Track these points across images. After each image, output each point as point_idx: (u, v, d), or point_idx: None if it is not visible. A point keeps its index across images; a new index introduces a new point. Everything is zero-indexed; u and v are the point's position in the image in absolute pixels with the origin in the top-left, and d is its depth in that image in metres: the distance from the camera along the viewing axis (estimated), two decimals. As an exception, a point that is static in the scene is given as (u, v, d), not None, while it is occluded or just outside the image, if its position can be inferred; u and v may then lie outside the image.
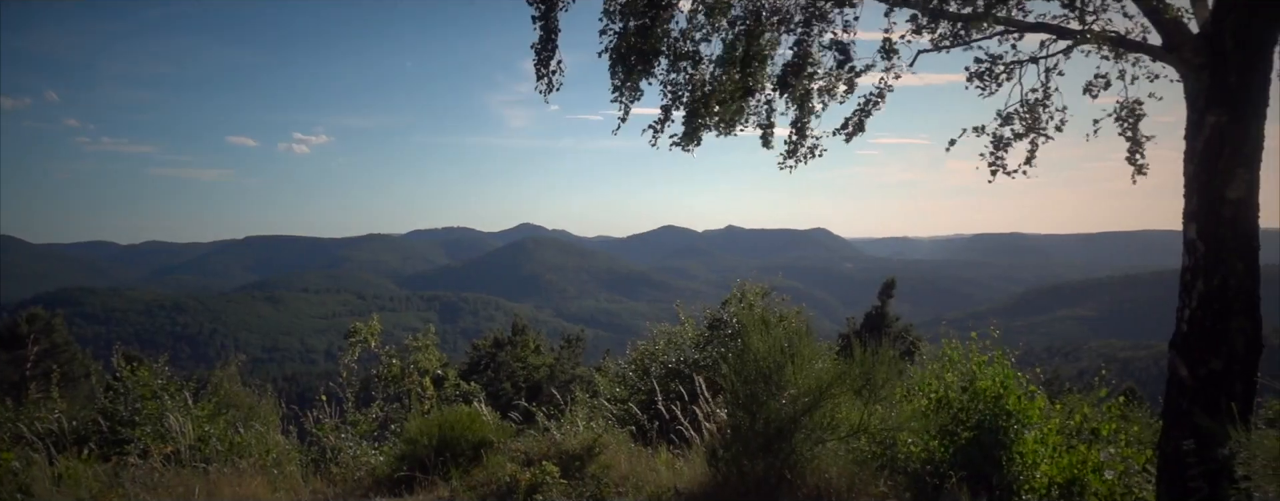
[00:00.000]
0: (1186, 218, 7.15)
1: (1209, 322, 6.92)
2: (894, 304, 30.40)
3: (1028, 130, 9.01)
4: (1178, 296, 7.21)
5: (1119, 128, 8.82)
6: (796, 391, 7.77)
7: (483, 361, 29.18)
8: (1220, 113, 6.96)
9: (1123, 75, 8.60)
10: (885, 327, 27.23)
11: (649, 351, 13.42)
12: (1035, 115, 8.94)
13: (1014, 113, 8.91)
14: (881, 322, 27.70)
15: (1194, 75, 7.18)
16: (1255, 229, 7.06)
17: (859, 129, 9.17)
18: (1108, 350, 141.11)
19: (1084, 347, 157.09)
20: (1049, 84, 8.80)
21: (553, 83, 8.94)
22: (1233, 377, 6.83)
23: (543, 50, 8.81)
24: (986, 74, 8.72)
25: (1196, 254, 7.02)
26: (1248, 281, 6.96)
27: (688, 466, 8.69)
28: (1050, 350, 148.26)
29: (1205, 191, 7.03)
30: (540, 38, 8.78)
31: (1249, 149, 6.99)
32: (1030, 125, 8.92)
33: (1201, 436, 6.66)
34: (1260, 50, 7.00)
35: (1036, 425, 8.82)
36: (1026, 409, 8.64)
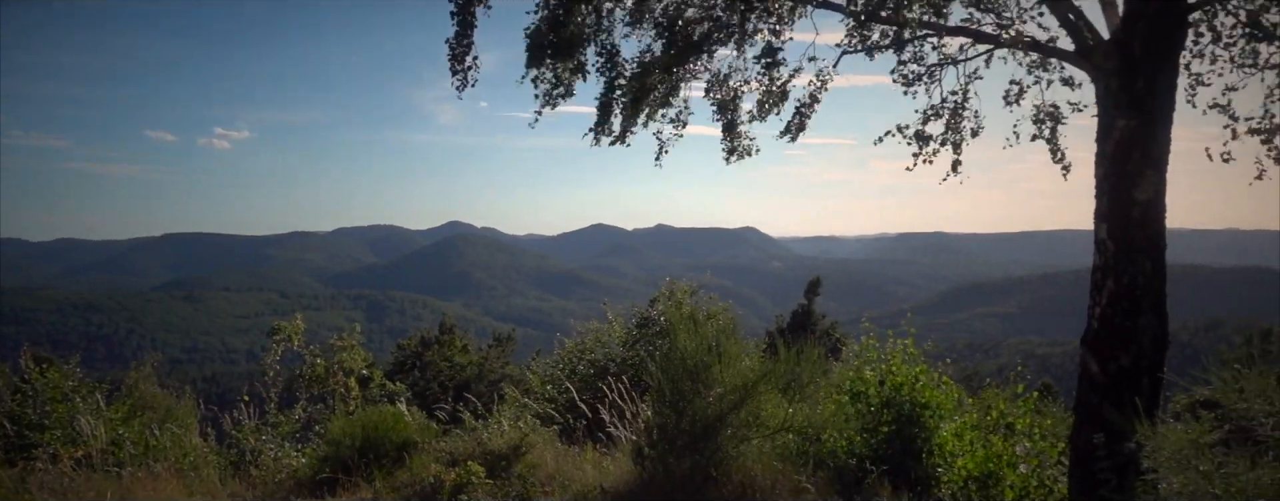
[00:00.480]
0: (1098, 218, 7.37)
1: (1118, 320, 7.15)
2: (821, 302, 30.81)
3: (947, 130, 9.21)
4: (1089, 294, 7.44)
5: (1036, 131, 9.08)
6: (723, 389, 7.83)
7: (409, 361, 28.81)
8: (1130, 116, 7.19)
9: (1038, 81, 8.86)
10: (812, 325, 27.59)
11: (577, 350, 13.41)
12: (957, 117, 9.14)
13: (934, 111, 9.11)
14: (808, 320, 28.05)
15: (1105, 80, 7.41)
16: (1162, 229, 7.31)
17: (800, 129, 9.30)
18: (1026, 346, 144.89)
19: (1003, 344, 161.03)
20: (968, 88, 9.01)
21: (468, 79, 8.86)
22: (1141, 373, 7.07)
23: (458, 46, 8.72)
24: (910, 75, 8.89)
25: (1107, 253, 7.25)
26: (1155, 280, 7.21)
27: (614, 465, 8.70)
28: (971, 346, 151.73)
29: (1115, 192, 7.25)
30: (456, 32, 8.68)
31: (1157, 151, 7.24)
32: (950, 126, 9.12)
33: (1111, 430, 6.87)
34: (1167, 56, 7.25)
35: (952, 418, 9.04)
36: (941, 401, 8.85)
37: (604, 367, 12.48)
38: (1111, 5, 7.76)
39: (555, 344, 14.19)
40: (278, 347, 13.52)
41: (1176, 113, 7.50)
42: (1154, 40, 7.14)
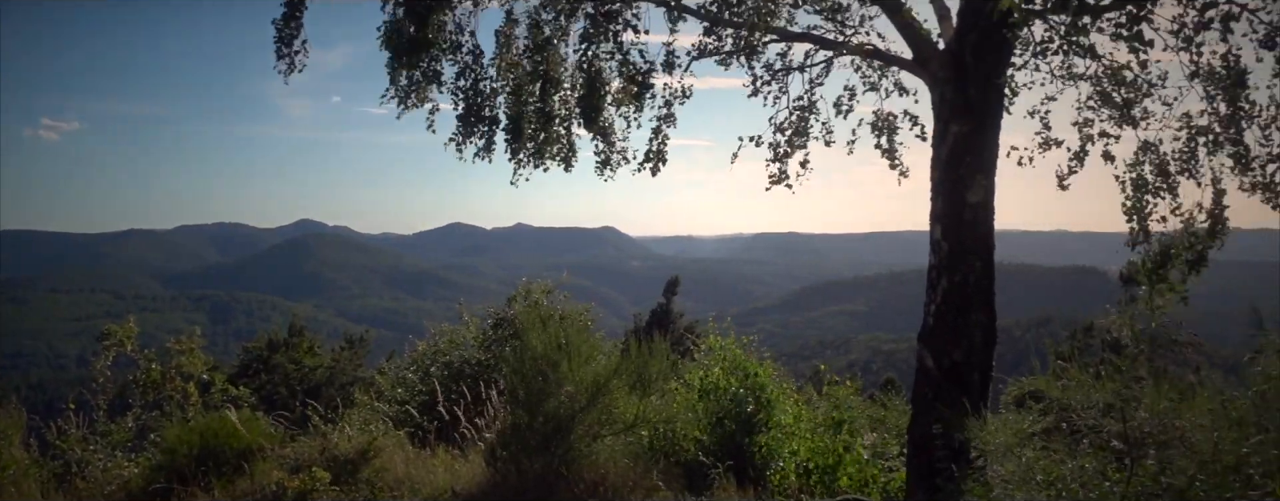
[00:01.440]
0: (933, 219, 7.73)
1: (952, 317, 7.52)
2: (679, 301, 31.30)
3: (797, 135, 9.47)
4: (925, 293, 7.79)
5: (874, 137, 9.45)
6: (575, 388, 7.85)
7: (255, 364, 27.73)
8: (962, 123, 7.57)
9: (875, 87, 9.23)
10: (670, 324, 27.99)
11: (430, 352, 13.19)
12: (804, 123, 9.41)
13: (785, 122, 9.35)
14: (666, 319, 28.46)
15: (940, 88, 7.78)
16: (992, 230, 7.72)
17: (660, 159, 9.33)
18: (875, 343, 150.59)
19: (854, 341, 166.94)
20: (814, 93, 9.30)
21: (295, 63, 8.60)
22: (972, 367, 7.45)
23: (285, 28, 8.45)
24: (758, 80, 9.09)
25: (941, 253, 7.61)
26: (985, 279, 7.61)
27: (467, 467, 8.59)
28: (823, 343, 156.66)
29: (949, 195, 7.62)
30: (284, 13, 8.42)
31: (987, 156, 7.65)
32: (798, 131, 9.39)
33: (946, 421, 7.21)
34: (997, 66, 7.67)
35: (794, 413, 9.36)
36: (780, 397, 9.15)
37: (459, 369, 12.32)
38: (947, 17, 8.15)
39: (406, 346, 13.91)
40: (110, 352, 12.80)
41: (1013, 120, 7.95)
42: (984, 51, 7.53)
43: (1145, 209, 8.47)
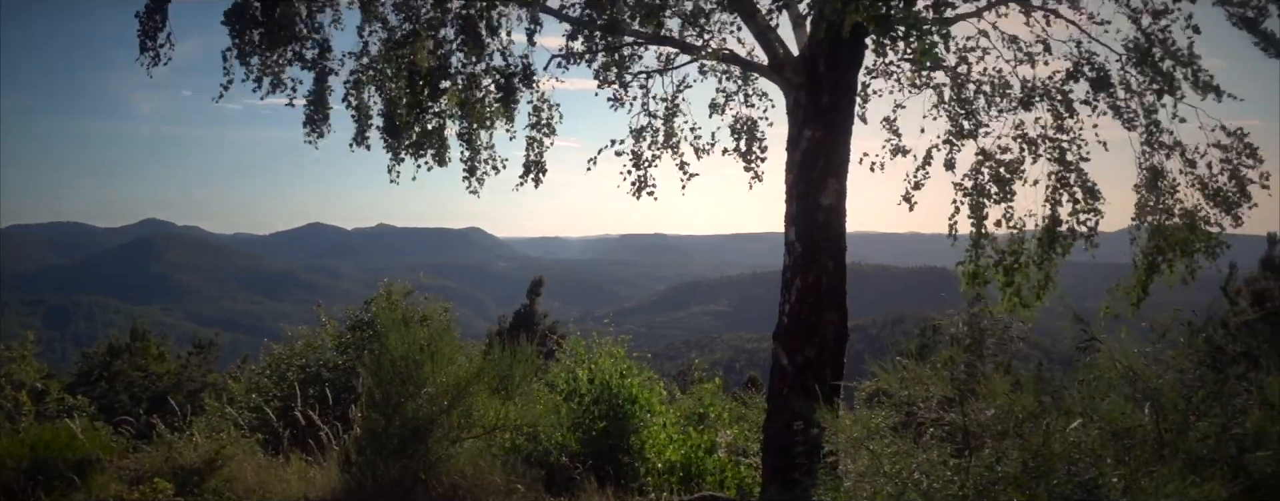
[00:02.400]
0: (788, 222, 7.97)
1: (805, 315, 7.76)
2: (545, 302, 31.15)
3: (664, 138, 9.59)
4: (780, 293, 8.02)
5: (734, 141, 9.66)
6: (434, 390, 7.74)
7: (96, 371, 26.26)
8: (815, 128, 7.83)
9: (734, 93, 9.44)
10: (534, 325, 27.84)
11: (287, 355, 12.78)
12: (670, 126, 9.54)
13: (645, 127, 9.46)
14: (531, 320, 28.29)
15: (794, 94, 8.01)
16: (843, 232, 8.01)
17: (540, 170, 9.29)
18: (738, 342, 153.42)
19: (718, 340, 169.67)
20: (677, 97, 9.44)
21: (160, 57, 8.24)
22: (824, 364, 7.70)
23: (149, 21, 8.10)
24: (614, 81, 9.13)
25: (795, 254, 7.84)
26: (837, 278, 7.89)
27: (322, 474, 8.35)
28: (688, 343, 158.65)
29: (803, 198, 7.87)
30: (148, 6, 8.06)
31: (838, 160, 7.93)
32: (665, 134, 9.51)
33: (802, 417, 7.43)
34: (848, 73, 7.96)
35: (660, 413, 9.46)
36: (648, 398, 9.24)
37: (316, 373, 11.99)
38: (802, 25, 8.40)
39: (262, 350, 13.44)
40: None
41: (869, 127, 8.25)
42: (837, 59, 7.80)
43: (982, 213, 8.97)
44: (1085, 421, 5.75)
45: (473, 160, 9.16)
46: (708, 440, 9.62)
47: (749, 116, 9.55)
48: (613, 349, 9.99)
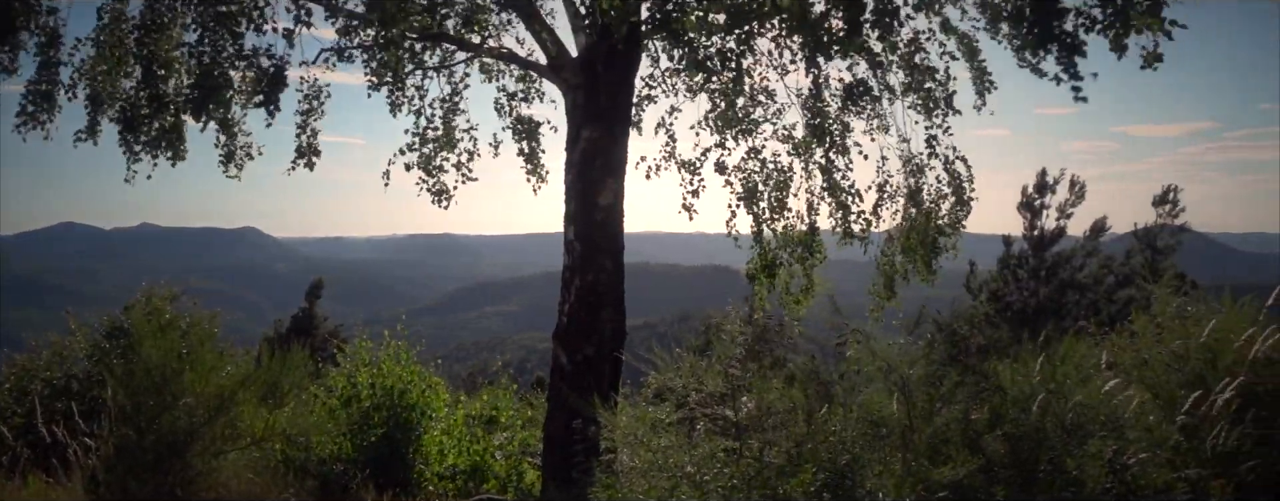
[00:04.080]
0: (567, 221, 8.02)
1: (584, 314, 7.83)
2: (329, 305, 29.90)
3: (444, 139, 9.42)
4: (560, 292, 8.05)
5: (516, 142, 9.63)
6: (194, 401, 7.26)
7: None
8: (593, 129, 7.90)
9: (516, 94, 9.41)
10: (313, 329, 26.72)
11: (29, 367, 11.66)
12: (448, 127, 9.38)
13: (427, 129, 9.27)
14: (310, 324, 27.13)
15: (573, 94, 8.07)
16: (621, 231, 8.13)
17: (313, 154, 8.83)
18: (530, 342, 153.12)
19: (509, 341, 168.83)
20: (456, 97, 9.31)
21: None
22: (602, 362, 7.79)
23: None
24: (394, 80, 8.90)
25: (574, 254, 7.90)
26: (615, 278, 8.00)
27: (65, 495, 7.67)
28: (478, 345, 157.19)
29: (582, 198, 7.93)
30: None
31: (616, 161, 8.04)
32: (444, 134, 9.34)
33: (581, 415, 7.48)
34: (626, 75, 8.08)
35: (442, 418, 9.29)
36: (431, 401, 9.06)
37: (65, 386, 11.02)
38: (581, 27, 8.45)
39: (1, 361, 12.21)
40: None
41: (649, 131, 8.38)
42: (615, 61, 7.91)
43: (758, 212, 9.36)
44: (845, 412, 6.08)
45: (230, 145, 8.60)
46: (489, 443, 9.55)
47: (531, 117, 9.57)
48: (397, 352, 9.74)
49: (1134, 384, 5.97)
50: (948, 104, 8.87)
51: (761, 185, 9.34)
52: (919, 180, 9.38)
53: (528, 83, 9.56)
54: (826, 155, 9.24)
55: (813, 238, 9.55)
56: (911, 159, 9.35)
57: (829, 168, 9.25)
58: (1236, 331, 5.78)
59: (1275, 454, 5.25)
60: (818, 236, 9.57)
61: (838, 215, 9.48)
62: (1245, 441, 5.29)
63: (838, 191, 9.35)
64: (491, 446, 9.30)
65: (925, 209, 9.42)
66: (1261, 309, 6.00)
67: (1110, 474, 5.26)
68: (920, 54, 8.74)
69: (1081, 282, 17.51)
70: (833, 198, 9.39)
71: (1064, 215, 18.00)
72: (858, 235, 9.58)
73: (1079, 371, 5.71)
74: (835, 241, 9.71)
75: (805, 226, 9.56)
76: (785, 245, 9.64)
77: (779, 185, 9.41)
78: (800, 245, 9.60)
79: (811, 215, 9.50)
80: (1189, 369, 5.82)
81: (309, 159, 8.88)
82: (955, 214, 9.42)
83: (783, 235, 9.60)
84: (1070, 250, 17.98)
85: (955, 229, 9.51)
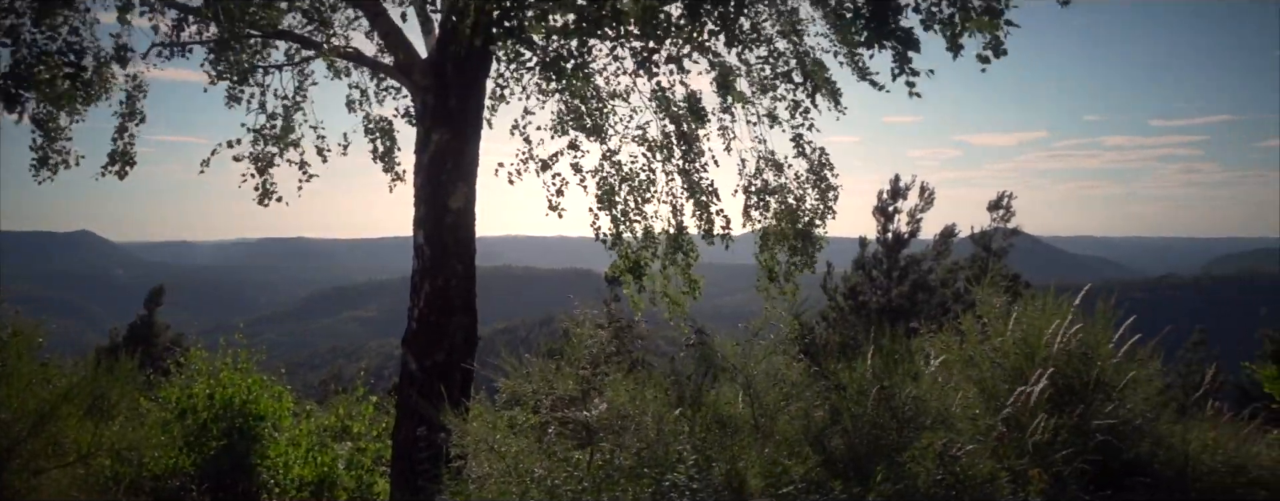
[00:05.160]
0: (416, 225, 7.88)
1: (434, 319, 7.70)
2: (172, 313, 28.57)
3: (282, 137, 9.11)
4: (410, 297, 7.91)
5: (368, 143, 9.41)
6: (10, 416, 6.81)
7: None
8: (444, 131, 7.79)
9: (367, 93, 9.19)
10: (153, 338, 25.45)
11: None
12: (288, 125, 9.08)
13: (266, 126, 8.96)
14: (149, 333, 25.83)
15: (422, 96, 7.93)
16: (473, 235, 8.04)
17: (127, 162, 8.35)
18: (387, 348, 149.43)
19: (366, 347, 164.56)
20: (299, 96, 9.02)
21: None
22: (453, 368, 7.68)
23: None
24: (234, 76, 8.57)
25: (424, 257, 7.77)
26: (467, 282, 7.91)
27: None
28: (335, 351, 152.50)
29: (431, 201, 7.81)
30: None
31: (467, 164, 7.95)
32: (283, 133, 9.04)
33: (429, 422, 7.35)
34: (476, 77, 8.00)
35: (288, 429, 8.98)
36: (276, 411, 8.76)
37: None
38: (430, 28, 8.33)
39: None
40: None
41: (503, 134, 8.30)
42: (464, 62, 7.81)
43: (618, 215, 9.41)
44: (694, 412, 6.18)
45: (46, 149, 8.06)
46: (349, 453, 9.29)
47: (384, 117, 9.36)
48: (239, 361, 9.36)
49: (962, 379, 6.28)
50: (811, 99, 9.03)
51: (619, 187, 9.39)
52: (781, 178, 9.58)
53: (380, 81, 9.36)
54: (685, 156, 9.35)
55: (681, 237, 9.64)
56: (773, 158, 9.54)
57: (687, 169, 9.36)
58: (1050, 327, 6.15)
59: (1089, 443, 5.61)
60: (686, 236, 9.67)
61: (699, 215, 9.59)
62: (1061, 431, 5.63)
63: (697, 192, 9.46)
64: (340, 456, 9.03)
65: (791, 205, 9.62)
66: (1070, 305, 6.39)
67: (941, 466, 5.51)
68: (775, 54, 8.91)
69: (931, 284, 18.34)
70: (692, 198, 9.50)
71: (915, 219, 18.85)
72: (719, 235, 9.73)
73: (910, 369, 5.96)
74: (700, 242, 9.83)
75: (671, 228, 9.64)
76: (648, 246, 9.72)
77: (637, 187, 9.47)
78: (669, 246, 9.68)
79: (677, 216, 9.59)
80: (1010, 364, 6.16)
81: (123, 166, 8.44)
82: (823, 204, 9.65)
83: (644, 237, 9.67)
84: (921, 252, 18.84)
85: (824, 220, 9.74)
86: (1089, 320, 6.38)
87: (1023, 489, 5.29)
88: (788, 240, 9.74)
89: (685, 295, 9.90)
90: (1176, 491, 5.56)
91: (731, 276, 24.78)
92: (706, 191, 9.50)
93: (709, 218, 9.59)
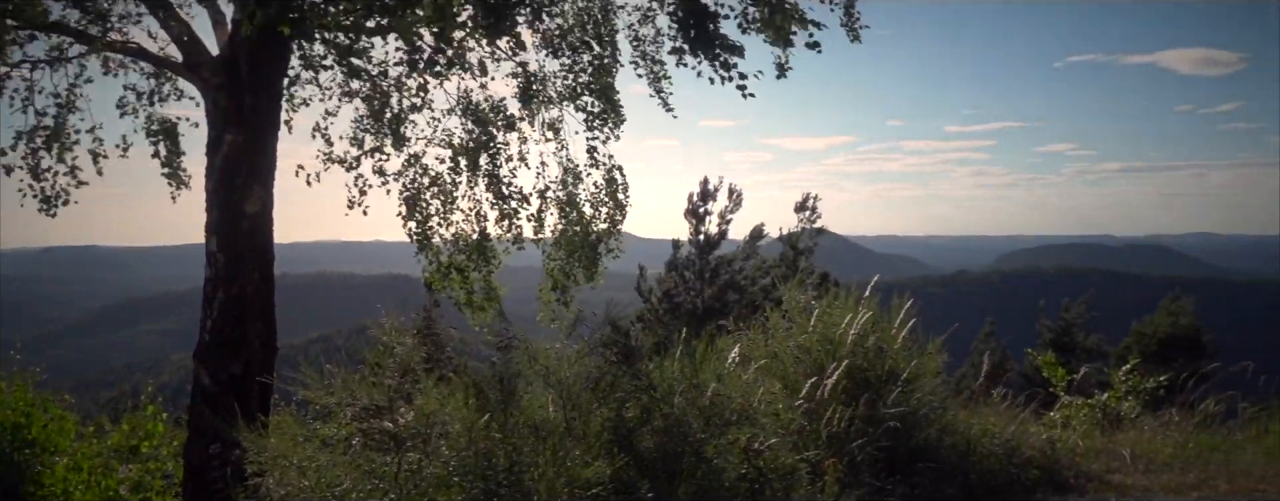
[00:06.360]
0: (208, 231, 7.45)
1: (229, 330, 7.31)
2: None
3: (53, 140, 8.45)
4: (201, 308, 7.47)
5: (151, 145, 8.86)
6: None
7: None
8: (237, 132, 7.40)
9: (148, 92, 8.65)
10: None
11: None
12: (60, 126, 8.43)
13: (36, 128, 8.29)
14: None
15: (213, 95, 7.51)
16: (270, 240, 7.67)
17: None
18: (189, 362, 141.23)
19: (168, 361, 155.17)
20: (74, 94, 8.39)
21: None
22: (250, 381, 7.31)
23: None
24: None
25: (217, 265, 7.36)
26: (264, 290, 7.54)
27: None
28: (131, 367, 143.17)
29: (225, 206, 7.41)
30: None
31: (264, 167, 7.58)
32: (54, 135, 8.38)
33: (223, 439, 6.97)
34: (272, 76, 7.63)
35: (68, 452, 8.35)
36: (53, 437, 8.12)
37: None
38: (221, 23, 7.91)
39: None
40: None
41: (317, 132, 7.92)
42: (259, 61, 7.44)
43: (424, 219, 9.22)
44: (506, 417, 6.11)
45: None
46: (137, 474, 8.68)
47: (167, 118, 8.80)
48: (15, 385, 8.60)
49: (767, 375, 6.48)
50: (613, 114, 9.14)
51: (425, 191, 9.21)
52: (578, 187, 9.64)
53: (161, 80, 8.79)
54: (492, 161, 9.25)
55: (484, 244, 9.53)
56: (574, 167, 9.59)
57: (494, 173, 9.28)
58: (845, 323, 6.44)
59: (879, 431, 5.91)
60: (490, 242, 9.57)
61: (504, 222, 9.53)
62: (855, 421, 5.90)
63: (503, 198, 9.39)
64: (126, 479, 8.44)
65: (583, 214, 9.69)
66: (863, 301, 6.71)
67: (745, 460, 5.67)
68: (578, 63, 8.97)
69: (741, 283, 18.90)
70: (499, 204, 9.42)
71: (725, 221, 19.40)
72: (527, 240, 9.69)
73: (717, 367, 6.10)
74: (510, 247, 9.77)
75: (475, 233, 9.51)
76: (460, 251, 9.58)
77: (443, 191, 9.31)
78: (474, 252, 9.56)
79: (480, 221, 9.48)
80: (811, 359, 6.40)
81: None
82: (613, 217, 9.75)
83: (453, 242, 9.53)
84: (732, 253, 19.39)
85: (613, 233, 9.85)
86: (883, 315, 6.72)
87: (820, 478, 5.50)
88: (576, 250, 9.82)
89: (489, 302, 9.80)
90: (959, 474, 5.93)
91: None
92: (513, 197, 9.46)
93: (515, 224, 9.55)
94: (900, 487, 5.69)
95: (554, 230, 9.73)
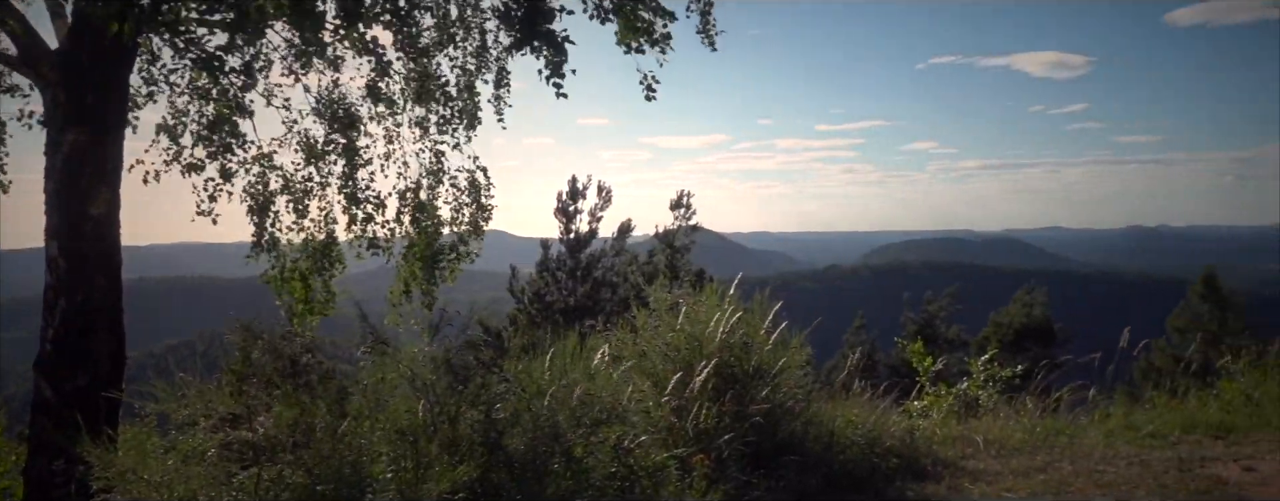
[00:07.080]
0: (48, 235, 7.03)
1: (73, 340, 6.92)
2: None
3: None
4: (42, 317, 7.06)
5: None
6: None
7: None
8: (79, 131, 7.00)
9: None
10: None
11: None
12: None
13: None
14: None
15: (52, 92, 7.09)
16: (117, 244, 7.29)
17: None
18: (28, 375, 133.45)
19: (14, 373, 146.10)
20: None
21: None
22: (96, 393, 6.93)
23: None
24: None
25: (59, 271, 6.95)
26: (111, 296, 7.15)
27: None
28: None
29: (66, 208, 7.00)
30: None
31: (110, 167, 7.19)
32: None
33: (67, 455, 6.62)
34: (116, 71, 7.25)
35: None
36: None
37: None
38: (62, 16, 7.48)
39: None
40: None
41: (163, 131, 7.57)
42: (103, 56, 7.06)
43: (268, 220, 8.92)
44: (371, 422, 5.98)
45: None
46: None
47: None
48: None
49: (637, 373, 6.52)
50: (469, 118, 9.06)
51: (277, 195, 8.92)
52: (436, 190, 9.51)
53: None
54: (349, 163, 9.04)
55: (330, 248, 9.28)
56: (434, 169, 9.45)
57: (349, 176, 9.06)
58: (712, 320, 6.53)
59: (745, 426, 6.01)
60: (336, 247, 9.33)
61: (358, 226, 9.32)
62: (723, 417, 5.99)
63: (356, 202, 9.18)
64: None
65: (440, 217, 9.57)
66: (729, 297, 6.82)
67: (615, 458, 5.70)
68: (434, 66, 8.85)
69: (613, 281, 18.99)
70: (353, 207, 9.21)
71: (595, 219, 19.45)
72: (380, 245, 9.49)
73: (586, 366, 6.11)
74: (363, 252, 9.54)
75: (323, 236, 9.26)
76: (307, 255, 9.29)
77: (295, 195, 9.04)
78: (319, 255, 9.30)
79: (329, 224, 9.24)
80: (680, 357, 6.47)
81: None
82: (475, 219, 9.65)
83: (302, 246, 9.25)
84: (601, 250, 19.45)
85: (475, 235, 9.74)
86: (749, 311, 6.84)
87: (688, 475, 5.57)
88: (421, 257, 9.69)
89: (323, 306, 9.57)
90: (822, 465, 6.09)
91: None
92: (369, 201, 9.27)
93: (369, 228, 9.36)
94: (766, 481, 5.80)
95: (405, 235, 9.56)
